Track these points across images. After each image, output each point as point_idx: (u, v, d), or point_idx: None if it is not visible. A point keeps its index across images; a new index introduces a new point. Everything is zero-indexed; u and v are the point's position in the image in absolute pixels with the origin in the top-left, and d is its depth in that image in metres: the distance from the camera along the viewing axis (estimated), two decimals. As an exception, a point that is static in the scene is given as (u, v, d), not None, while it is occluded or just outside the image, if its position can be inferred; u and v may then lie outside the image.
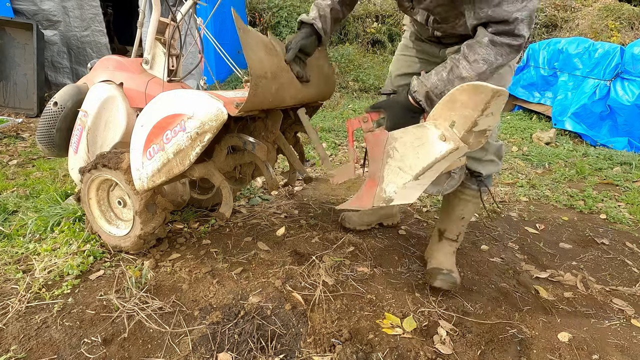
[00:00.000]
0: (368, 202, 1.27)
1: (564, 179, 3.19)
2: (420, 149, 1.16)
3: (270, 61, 1.34)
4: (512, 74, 1.46)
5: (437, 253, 1.73)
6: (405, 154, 1.19)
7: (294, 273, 1.67)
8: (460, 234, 1.71)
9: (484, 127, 1.11)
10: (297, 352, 1.28)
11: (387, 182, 1.23)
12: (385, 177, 1.23)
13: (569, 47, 4.88)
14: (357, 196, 1.33)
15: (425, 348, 1.34)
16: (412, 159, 1.18)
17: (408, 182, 1.19)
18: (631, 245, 2.19)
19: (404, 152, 1.20)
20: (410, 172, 1.18)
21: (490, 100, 1.04)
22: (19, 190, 2.30)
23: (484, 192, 1.61)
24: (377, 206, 1.27)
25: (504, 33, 1.15)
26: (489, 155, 1.54)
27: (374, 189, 1.26)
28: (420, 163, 1.16)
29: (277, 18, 7.19)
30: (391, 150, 1.22)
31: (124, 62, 1.80)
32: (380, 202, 1.24)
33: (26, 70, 4.13)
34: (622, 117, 4.28)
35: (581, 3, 7.30)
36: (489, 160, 1.55)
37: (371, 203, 1.26)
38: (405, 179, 1.19)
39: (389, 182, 1.23)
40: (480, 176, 1.56)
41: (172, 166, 1.36)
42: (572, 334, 1.47)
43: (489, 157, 1.55)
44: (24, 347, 1.24)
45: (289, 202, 2.41)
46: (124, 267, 1.63)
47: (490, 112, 1.07)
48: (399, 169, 1.21)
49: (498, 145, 1.56)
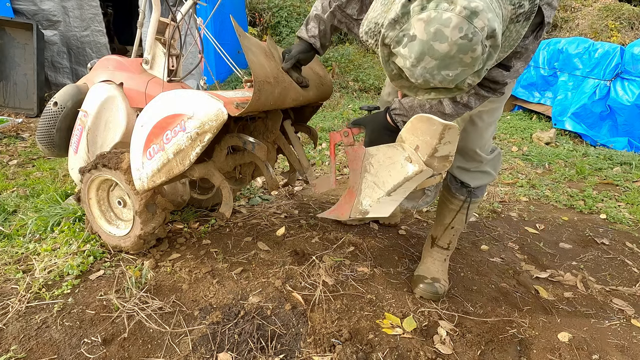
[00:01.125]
0: (346, 213, 1.36)
1: (564, 179, 3.19)
2: (392, 167, 1.23)
3: (270, 66, 1.36)
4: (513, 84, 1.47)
5: (427, 259, 1.71)
6: (379, 171, 1.26)
7: (294, 273, 1.67)
8: (452, 242, 1.67)
9: (445, 153, 1.18)
10: (297, 352, 1.28)
11: (364, 195, 1.31)
12: (363, 190, 1.31)
13: (569, 47, 4.88)
14: (337, 205, 1.41)
15: (425, 348, 1.34)
16: (385, 176, 1.25)
17: (381, 197, 1.25)
18: (631, 245, 2.19)
19: (378, 169, 1.27)
20: (383, 189, 1.24)
21: (443, 132, 1.11)
22: (19, 190, 2.30)
23: (473, 204, 1.56)
24: (354, 217, 1.34)
25: (490, 90, 1.22)
26: (482, 166, 1.50)
27: (352, 200, 1.34)
28: (391, 181, 1.22)
29: (277, 18, 7.19)
30: (368, 165, 1.30)
31: (124, 62, 1.80)
32: (357, 213, 1.32)
33: (26, 70, 4.13)
34: (622, 117, 4.28)
35: (581, 3, 7.30)
36: (481, 171, 1.51)
37: (349, 214, 1.34)
38: (379, 194, 1.26)
39: (365, 196, 1.30)
40: (470, 187, 1.53)
41: (172, 166, 1.36)
42: (572, 334, 1.47)
43: (481, 169, 1.51)
44: (24, 347, 1.24)
45: (289, 202, 2.41)
46: (124, 267, 1.63)
47: (447, 140, 1.14)
48: (374, 184, 1.28)
49: (493, 157, 1.52)
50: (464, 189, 1.54)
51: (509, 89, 1.42)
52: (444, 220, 1.64)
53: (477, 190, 1.55)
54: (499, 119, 5.04)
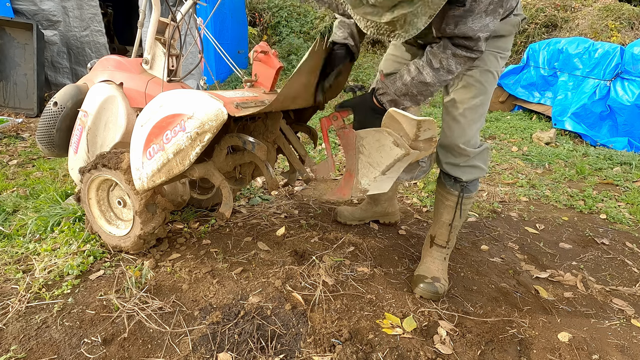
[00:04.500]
0: (347, 193, 1.43)
1: (564, 179, 3.19)
2: (381, 150, 1.31)
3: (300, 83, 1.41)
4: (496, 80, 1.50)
5: (426, 259, 1.71)
6: (371, 152, 1.34)
7: (294, 273, 1.67)
8: (450, 240, 1.67)
9: (428, 137, 1.25)
10: (297, 352, 1.28)
11: (361, 174, 1.39)
12: (360, 171, 1.39)
13: (569, 47, 4.87)
14: (338, 187, 1.48)
15: (425, 348, 1.34)
16: (377, 157, 1.33)
17: (378, 176, 1.34)
18: (631, 245, 2.19)
19: (370, 150, 1.35)
20: (378, 169, 1.33)
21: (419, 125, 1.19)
22: (19, 190, 2.30)
23: (466, 198, 1.58)
24: (355, 196, 1.42)
25: (466, 47, 1.26)
26: (470, 160, 1.52)
27: (351, 181, 1.42)
28: (383, 162, 1.31)
29: (277, 18, 7.19)
30: (360, 147, 1.37)
31: (123, 62, 1.80)
32: (358, 192, 1.40)
33: (26, 70, 4.13)
34: (622, 117, 4.27)
35: (581, 3, 7.29)
36: (470, 165, 1.53)
37: (350, 194, 1.42)
38: (375, 173, 1.35)
39: (363, 175, 1.39)
40: (462, 181, 1.54)
41: (172, 166, 1.36)
42: (572, 334, 1.47)
43: (470, 163, 1.52)
44: (24, 347, 1.24)
45: (289, 202, 2.41)
46: (124, 267, 1.63)
47: (426, 128, 1.21)
48: (369, 164, 1.36)
49: (480, 150, 1.53)
50: (457, 184, 1.56)
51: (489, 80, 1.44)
52: (441, 218, 1.65)
53: (470, 185, 1.57)
54: (500, 120, 5.06)
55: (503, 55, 1.47)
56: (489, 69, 1.44)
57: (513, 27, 1.43)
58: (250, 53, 1.59)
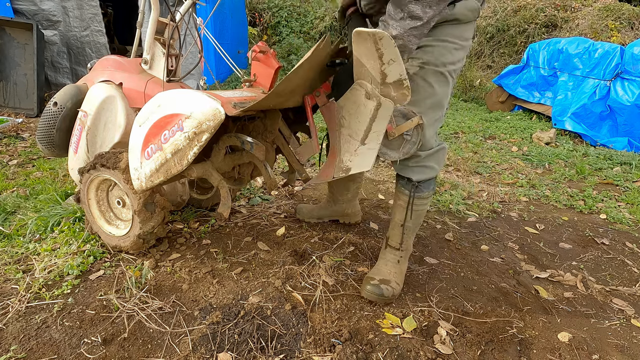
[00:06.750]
0: (330, 174, 1.35)
1: (564, 179, 3.19)
2: (358, 112, 1.23)
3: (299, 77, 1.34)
4: (452, 78, 1.39)
5: (380, 260, 1.66)
6: (351, 121, 1.27)
7: (294, 273, 1.67)
8: (404, 242, 1.60)
9: (396, 76, 1.14)
10: (297, 352, 1.28)
11: (343, 151, 1.31)
12: (342, 147, 1.31)
13: (569, 47, 4.87)
14: (322, 169, 1.40)
15: (425, 348, 1.34)
16: (355, 124, 1.25)
17: (358, 149, 1.25)
18: (631, 245, 2.19)
19: (350, 119, 1.27)
20: (357, 138, 1.25)
21: (377, 45, 1.07)
22: (19, 190, 2.30)
23: (417, 199, 1.51)
24: (338, 177, 1.33)
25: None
26: (422, 161, 1.46)
27: (334, 160, 1.34)
28: (361, 127, 1.23)
29: (277, 18, 7.20)
30: (341, 119, 1.30)
31: (123, 62, 1.80)
32: (340, 172, 1.32)
33: (26, 70, 4.13)
34: (622, 117, 4.27)
35: (581, 3, 7.29)
36: (421, 165, 1.47)
37: (332, 174, 1.34)
38: (355, 145, 1.26)
39: (345, 152, 1.30)
40: (413, 181, 1.49)
41: (170, 166, 1.36)
42: (572, 334, 1.47)
43: (421, 163, 1.46)
44: (24, 347, 1.24)
45: (289, 202, 2.41)
46: (124, 267, 1.63)
47: (389, 59, 1.10)
48: (349, 137, 1.28)
49: (435, 150, 1.46)
50: (409, 184, 1.50)
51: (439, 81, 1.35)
52: (394, 218, 1.60)
53: (422, 185, 1.50)
54: (500, 120, 5.05)
55: (458, 45, 1.34)
56: (438, 69, 1.33)
57: (471, 12, 1.30)
58: (249, 53, 1.59)
